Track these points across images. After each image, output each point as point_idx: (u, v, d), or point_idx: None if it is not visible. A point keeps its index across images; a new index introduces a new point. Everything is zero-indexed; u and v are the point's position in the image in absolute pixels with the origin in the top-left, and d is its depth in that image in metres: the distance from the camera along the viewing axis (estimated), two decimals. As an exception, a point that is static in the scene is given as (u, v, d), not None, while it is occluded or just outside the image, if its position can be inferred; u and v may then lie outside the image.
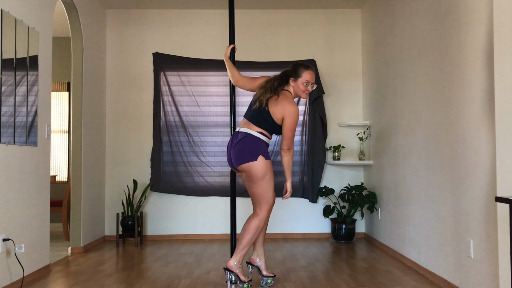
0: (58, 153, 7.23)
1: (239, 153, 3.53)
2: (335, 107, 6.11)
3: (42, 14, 4.20)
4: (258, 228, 3.56)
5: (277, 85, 3.64)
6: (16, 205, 3.73)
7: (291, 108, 3.53)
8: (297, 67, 3.68)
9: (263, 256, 3.78)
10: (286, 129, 3.54)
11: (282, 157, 3.61)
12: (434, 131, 3.83)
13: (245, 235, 3.56)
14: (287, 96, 3.61)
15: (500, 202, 2.33)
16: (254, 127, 3.58)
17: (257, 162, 3.48)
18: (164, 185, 5.95)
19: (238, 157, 3.54)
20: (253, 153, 3.50)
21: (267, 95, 3.60)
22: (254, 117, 3.60)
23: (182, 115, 6.00)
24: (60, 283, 3.88)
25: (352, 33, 6.15)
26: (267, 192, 3.56)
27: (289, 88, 3.68)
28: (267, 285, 3.70)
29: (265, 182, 3.53)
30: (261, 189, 3.54)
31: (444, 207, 3.65)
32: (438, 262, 3.77)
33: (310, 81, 3.65)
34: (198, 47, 6.10)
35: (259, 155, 3.50)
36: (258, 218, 3.56)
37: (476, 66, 3.16)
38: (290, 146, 3.58)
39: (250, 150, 3.51)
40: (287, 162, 3.60)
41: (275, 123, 3.58)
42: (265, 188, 3.54)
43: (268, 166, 3.54)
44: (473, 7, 3.19)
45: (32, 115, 4.00)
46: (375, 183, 5.54)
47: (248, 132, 3.57)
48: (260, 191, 3.54)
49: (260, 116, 3.58)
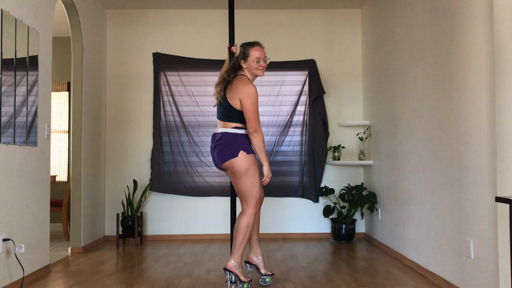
0: (58, 153, 7.23)
1: (220, 152, 3.52)
2: (335, 107, 6.11)
3: (42, 14, 4.20)
4: (248, 226, 3.52)
5: (228, 73, 3.61)
6: (16, 205, 3.73)
7: (244, 88, 3.47)
8: (243, 47, 3.63)
9: (260, 254, 3.77)
10: (245, 111, 3.46)
11: (251, 140, 3.51)
12: (434, 131, 3.83)
13: (237, 235, 3.54)
14: (240, 79, 3.57)
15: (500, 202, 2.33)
16: (227, 124, 3.55)
17: (238, 157, 3.46)
18: (164, 185, 5.95)
19: (220, 156, 3.52)
20: (233, 149, 3.48)
21: (220, 86, 3.58)
22: (221, 114, 3.59)
23: (182, 115, 6.00)
24: (60, 283, 3.88)
25: (352, 33, 6.15)
26: (252, 187, 3.51)
27: (244, 72, 3.64)
28: (265, 284, 3.69)
29: (249, 177, 3.49)
30: (245, 184, 3.50)
31: (444, 207, 3.65)
32: (438, 262, 3.77)
33: (260, 56, 3.59)
34: (198, 47, 6.10)
35: (240, 150, 3.47)
36: (246, 215, 3.53)
37: (476, 65, 3.16)
38: (256, 128, 3.47)
39: (229, 147, 3.49)
40: (257, 145, 3.50)
41: (237, 111, 3.51)
42: (250, 184, 3.50)
43: (251, 160, 3.49)
44: (473, 7, 3.19)
45: (32, 115, 4.00)
46: (375, 183, 5.54)
47: (224, 131, 3.55)
48: (245, 186, 3.50)
49: (225, 110, 3.55)
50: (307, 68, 6.04)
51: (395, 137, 4.80)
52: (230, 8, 3.99)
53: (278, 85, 6.04)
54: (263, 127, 5.97)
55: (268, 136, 5.99)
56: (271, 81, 6.04)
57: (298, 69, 6.03)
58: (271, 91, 6.01)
